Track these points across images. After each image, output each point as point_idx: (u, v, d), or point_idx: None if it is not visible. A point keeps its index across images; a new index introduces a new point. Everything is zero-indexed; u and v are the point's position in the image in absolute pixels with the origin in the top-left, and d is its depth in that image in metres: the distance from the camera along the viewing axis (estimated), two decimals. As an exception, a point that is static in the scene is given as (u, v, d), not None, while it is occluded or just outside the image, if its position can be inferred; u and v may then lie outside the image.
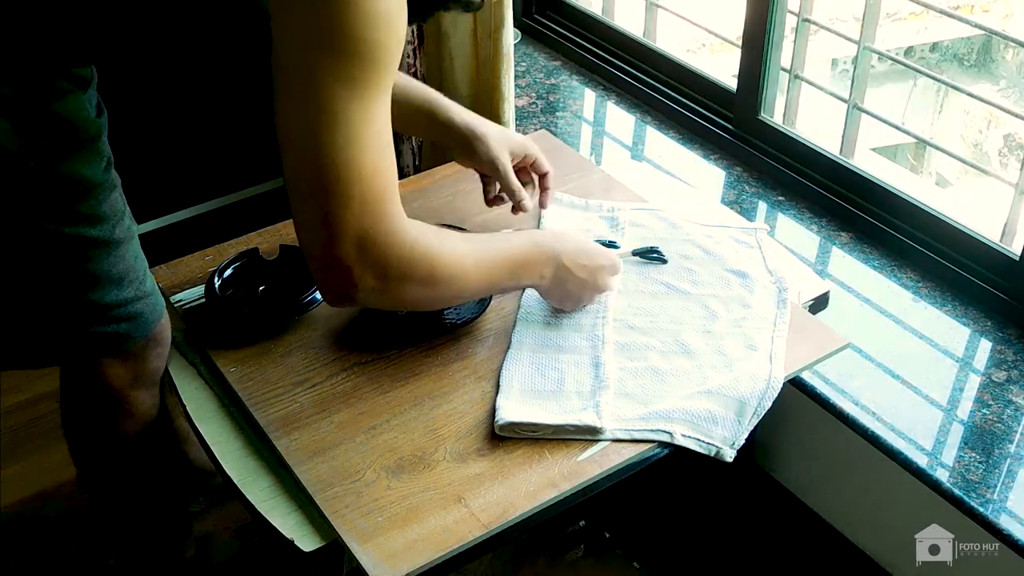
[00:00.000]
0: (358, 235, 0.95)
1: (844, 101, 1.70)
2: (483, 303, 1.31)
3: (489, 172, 1.39)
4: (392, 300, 1.04)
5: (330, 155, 0.92)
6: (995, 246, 1.52)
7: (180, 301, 1.34)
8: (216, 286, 1.30)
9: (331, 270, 0.98)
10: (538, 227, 1.47)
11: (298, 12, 0.89)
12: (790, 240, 1.66)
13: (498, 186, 1.41)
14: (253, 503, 1.10)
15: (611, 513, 1.82)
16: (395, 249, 0.98)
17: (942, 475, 1.29)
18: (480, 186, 1.44)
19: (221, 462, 1.15)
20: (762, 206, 1.76)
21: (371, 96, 0.92)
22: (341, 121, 0.91)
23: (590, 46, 2.16)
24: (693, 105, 1.96)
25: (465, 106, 1.77)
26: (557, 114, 2.02)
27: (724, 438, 1.15)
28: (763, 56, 1.77)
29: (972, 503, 1.25)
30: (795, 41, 1.75)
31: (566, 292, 1.24)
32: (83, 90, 1.12)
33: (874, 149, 2.12)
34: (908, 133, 1.75)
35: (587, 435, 1.14)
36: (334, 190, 0.93)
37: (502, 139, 1.37)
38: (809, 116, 1.88)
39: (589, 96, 2.10)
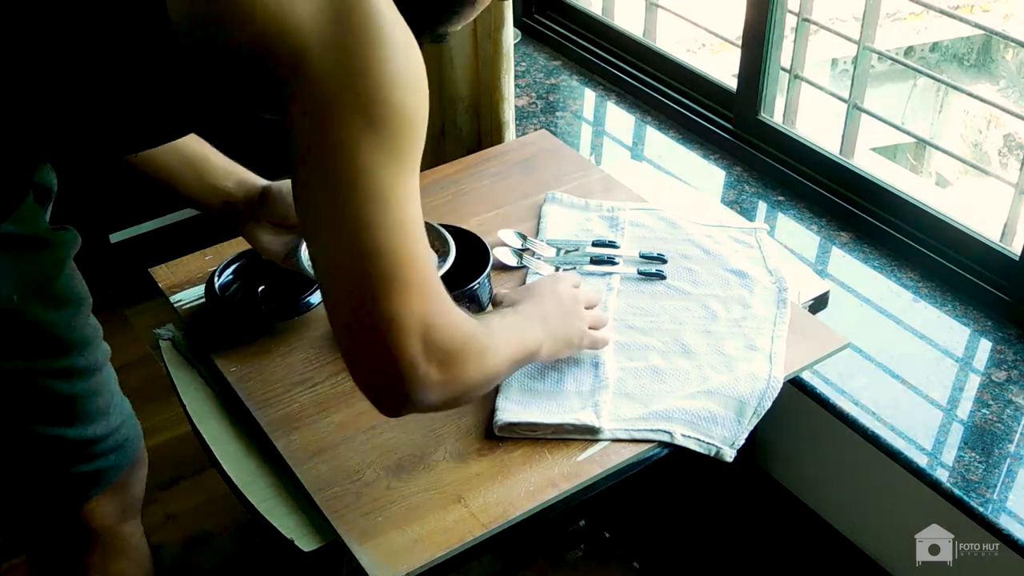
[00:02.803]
0: (422, 324, 0.85)
1: (844, 101, 1.70)
2: (482, 304, 1.31)
3: (289, 223, 1.23)
4: (452, 391, 0.91)
5: (384, 241, 0.82)
6: (995, 246, 1.52)
7: (180, 301, 1.34)
8: (216, 286, 1.30)
9: (394, 375, 0.86)
10: (538, 225, 1.47)
11: (326, 89, 0.80)
12: (790, 240, 1.66)
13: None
14: (253, 503, 1.10)
15: (611, 513, 1.82)
16: (455, 330, 0.89)
17: (942, 475, 1.29)
18: (480, 186, 1.44)
19: (221, 462, 1.16)
20: (762, 206, 1.76)
21: (411, 171, 0.84)
22: (390, 201, 0.82)
23: (590, 46, 2.16)
24: (693, 105, 1.95)
25: (465, 106, 1.77)
26: (557, 114, 2.02)
27: (724, 438, 1.15)
28: (763, 56, 1.77)
29: (972, 503, 1.25)
30: (795, 41, 1.75)
31: (564, 340, 1.16)
32: (43, 204, 1.03)
33: (874, 149, 2.12)
34: (908, 133, 1.76)
35: (586, 435, 1.14)
36: (394, 280, 0.83)
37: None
38: (809, 116, 1.88)
39: (589, 96, 2.10)
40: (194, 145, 1.21)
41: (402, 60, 0.81)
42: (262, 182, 1.24)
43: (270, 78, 0.81)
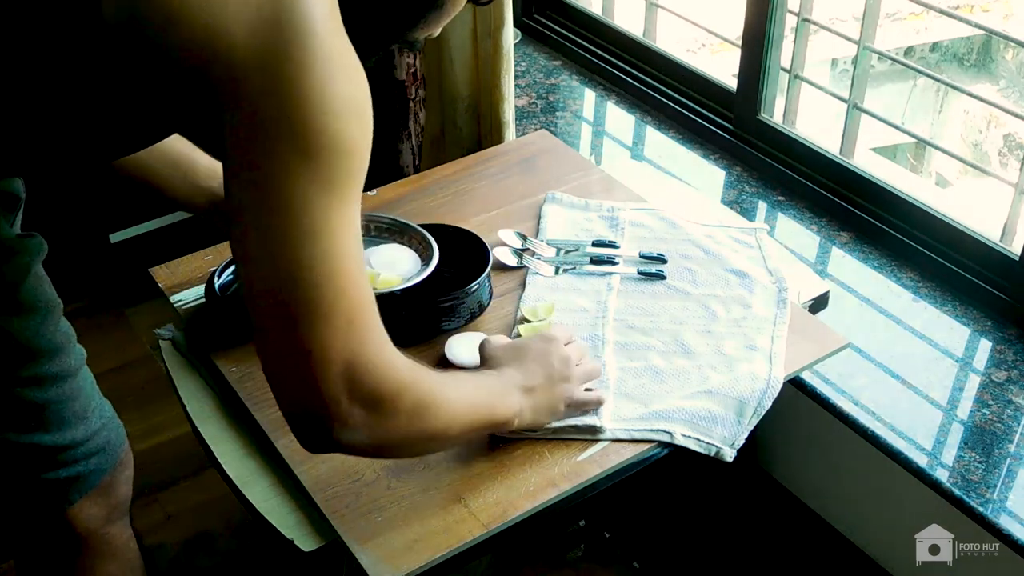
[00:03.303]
0: (345, 360, 0.82)
1: (844, 101, 1.70)
2: (482, 304, 1.31)
3: None
4: (379, 438, 0.88)
5: (308, 270, 0.79)
6: (995, 246, 1.52)
7: (180, 301, 1.34)
8: (216, 286, 1.30)
9: (313, 409, 0.83)
10: (538, 225, 1.47)
11: (259, 115, 0.77)
12: (790, 240, 1.66)
13: None
14: (253, 503, 1.10)
15: (611, 513, 1.82)
16: (384, 375, 0.85)
17: (942, 475, 1.29)
18: (480, 186, 1.44)
19: (221, 462, 1.15)
20: (762, 206, 1.76)
21: (348, 201, 0.81)
22: (319, 232, 0.79)
23: (590, 46, 2.16)
24: (693, 105, 1.95)
25: (465, 106, 1.76)
26: (557, 114, 2.02)
27: (724, 438, 1.15)
28: (763, 56, 1.77)
29: (972, 503, 1.25)
30: (795, 41, 1.75)
31: (546, 408, 1.10)
32: (11, 211, 1.03)
33: (874, 149, 2.12)
34: (908, 133, 1.76)
35: (587, 435, 1.14)
36: (316, 310, 0.80)
37: None
38: (809, 116, 1.88)
39: (589, 96, 2.10)
40: (178, 146, 1.21)
41: (342, 87, 0.79)
42: None
43: (208, 99, 0.79)
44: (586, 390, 1.14)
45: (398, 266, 1.29)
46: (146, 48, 0.78)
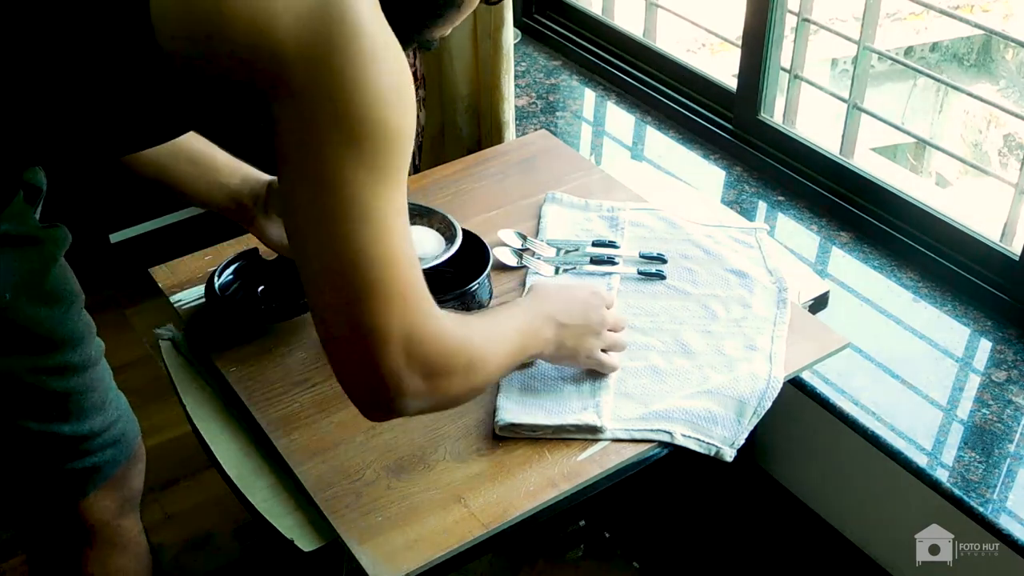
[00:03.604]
0: (405, 336, 0.87)
1: (844, 101, 1.70)
2: (482, 304, 1.31)
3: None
4: (437, 400, 0.94)
5: (364, 253, 0.83)
6: (995, 246, 1.52)
7: (180, 301, 1.34)
8: (216, 286, 1.30)
9: (377, 382, 0.88)
10: (538, 225, 1.47)
11: (309, 106, 0.81)
12: (790, 240, 1.66)
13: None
14: (253, 503, 1.10)
15: (611, 513, 1.82)
16: (440, 343, 0.90)
17: (942, 475, 1.29)
18: (480, 186, 1.44)
19: (221, 462, 1.15)
20: (762, 206, 1.76)
21: (395, 184, 0.85)
22: (371, 214, 0.83)
23: (590, 46, 2.16)
24: (693, 105, 1.95)
25: (465, 106, 1.76)
26: (557, 114, 2.02)
27: (724, 438, 1.15)
28: (763, 56, 1.77)
29: (972, 503, 1.25)
30: (795, 41, 1.75)
31: (570, 349, 1.15)
32: (32, 204, 1.03)
33: (874, 149, 2.12)
34: (908, 133, 1.76)
35: (587, 435, 1.14)
36: (373, 290, 0.84)
37: None
38: (809, 116, 1.88)
39: (589, 96, 2.10)
40: (196, 144, 1.21)
41: (386, 76, 0.81)
42: (267, 177, 1.24)
43: (254, 92, 0.82)
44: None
45: (425, 246, 1.33)
46: (196, 53, 0.81)
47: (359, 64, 0.80)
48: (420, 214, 1.38)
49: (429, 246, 1.33)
